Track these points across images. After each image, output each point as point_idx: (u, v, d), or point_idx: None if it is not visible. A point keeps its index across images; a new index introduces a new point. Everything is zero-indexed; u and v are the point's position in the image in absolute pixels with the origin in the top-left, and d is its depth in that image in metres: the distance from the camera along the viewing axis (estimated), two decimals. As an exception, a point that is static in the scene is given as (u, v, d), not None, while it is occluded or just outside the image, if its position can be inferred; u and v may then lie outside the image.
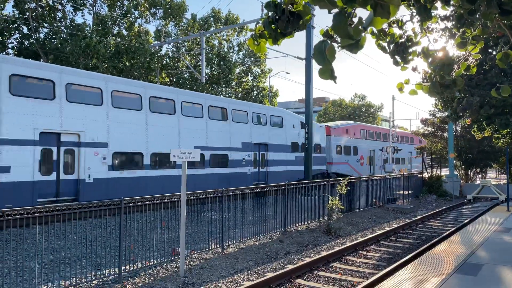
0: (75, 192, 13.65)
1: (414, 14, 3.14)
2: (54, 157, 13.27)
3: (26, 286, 7.42)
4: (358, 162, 32.98)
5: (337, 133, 31.03)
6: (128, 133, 15.41)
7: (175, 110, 17.32)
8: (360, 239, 12.54)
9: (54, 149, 13.30)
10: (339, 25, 1.82)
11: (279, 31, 2.41)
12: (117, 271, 8.44)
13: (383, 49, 3.36)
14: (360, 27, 1.94)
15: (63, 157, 13.49)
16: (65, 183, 13.45)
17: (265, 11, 2.49)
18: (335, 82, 2.06)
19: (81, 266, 8.82)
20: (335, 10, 1.85)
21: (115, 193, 13.74)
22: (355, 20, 2.20)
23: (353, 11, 2.05)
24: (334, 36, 2.15)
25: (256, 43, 2.59)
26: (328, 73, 1.94)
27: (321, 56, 1.88)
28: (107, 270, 8.55)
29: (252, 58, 42.34)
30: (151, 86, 17.67)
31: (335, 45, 2.02)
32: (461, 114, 16.25)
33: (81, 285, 7.87)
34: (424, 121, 32.86)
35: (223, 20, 40.43)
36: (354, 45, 1.93)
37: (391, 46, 3.30)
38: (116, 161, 15.06)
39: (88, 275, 8.20)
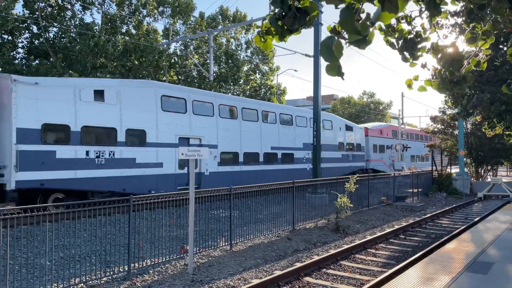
0: (198, 182, 17.69)
1: (423, 9, 3.10)
2: None
3: (37, 283, 7.50)
4: (390, 160, 37.96)
5: (374, 134, 35.59)
6: (229, 137, 19.92)
7: (258, 118, 21.94)
8: (369, 237, 12.48)
9: None
10: (346, 20, 1.80)
11: (285, 27, 2.39)
12: (126, 268, 8.50)
13: (391, 45, 3.32)
14: (368, 22, 1.91)
15: None
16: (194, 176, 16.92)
17: (272, 7, 2.47)
18: (343, 79, 2.05)
19: (91, 263, 8.90)
20: (342, 5, 1.83)
21: (222, 183, 16.44)
22: (363, 15, 2.17)
23: (360, 6, 2.03)
24: (342, 32, 2.13)
25: (262, 40, 2.57)
26: (335, 70, 1.92)
27: (328, 52, 1.86)
28: (116, 268, 8.62)
29: (260, 56, 42.30)
30: (242, 100, 23.37)
31: (343, 41, 2.00)
32: (471, 111, 16.07)
33: (90, 282, 7.94)
34: (433, 118, 32.56)
35: (231, 18, 40.43)
36: (362, 40, 1.91)
37: (400, 42, 3.26)
38: (222, 159, 19.44)
39: (97, 272, 8.28)
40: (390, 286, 6.48)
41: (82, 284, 7.81)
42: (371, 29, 1.92)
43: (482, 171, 32.58)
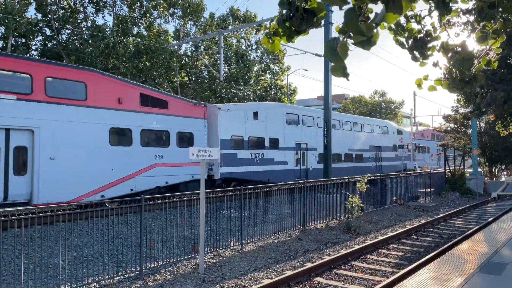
0: (305, 175, 23.90)
1: (432, 8, 3.08)
2: (299, 156, 23.97)
3: (50, 282, 7.61)
4: (429, 158, 43.24)
5: (417, 136, 41.60)
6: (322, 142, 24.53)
7: (340, 126, 27.92)
8: (381, 238, 12.40)
9: (299, 151, 24.00)
10: (350, 21, 1.80)
11: (293, 28, 2.39)
12: (138, 268, 8.58)
13: (401, 44, 3.30)
14: (372, 23, 1.91)
15: (301, 156, 24.09)
16: (302, 171, 24.16)
17: (279, 9, 2.47)
18: (348, 79, 2.05)
19: (103, 263, 9.01)
20: (347, 6, 1.83)
21: (319, 176, 21.73)
22: (372, 16, 2.17)
23: (365, 7, 2.02)
24: (349, 33, 2.13)
25: (270, 41, 2.58)
26: (340, 71, 1.92)
27: (333, 53, 1.86)
28: (129, 267, 8.70)
29: (270, 56, 42.29)
30: (337, 114, 29.45)
31: (349, 41, 1.99)
32: (484, 109, 15.84)
33: (103, 281, 8.03)
34: (446, 117, 32.20)
35: (241, 19, 40.48)
36: (366, 41, 1.90)
37: (410, 42, 3.25)
38: (320, 159, 24.71)
39: (110, 271, 8.37)
40: (402, 287, 6.43)
41: (95, 284, 7.91)
42: (375, 30, 1.92)
43: (496, 171, 32.12)
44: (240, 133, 20.12)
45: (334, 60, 1.89)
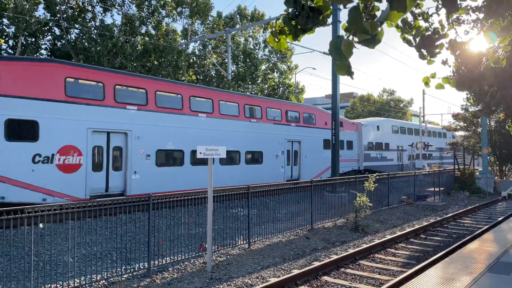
0: (401, 169, 33.56)
1: (440, 5, 3.05)
2: (398, 155, 35.28)
3: (60, 279, 7.70)
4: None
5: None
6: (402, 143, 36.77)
7: (398, 131, 35.88)
8: (389, 237, 12.34)
9: (398, 152, 35.42)
10: (354, 19, 1.80)
11: (299, 27, 2.39)
12: (146, 265, 8.64)
13: (408, 42, 3.28)
14: (377, 21, 1.90)
15: (399, 155, 35.13)
16: (400, 165, 34.52)
17: (285, 7, 2.48)
18: (352, 78, 2.04)
19: (112, 260, 9.08)
20: (351, 5, 1.83)
21: (408, 169, 32.79)
22: (378, 14, 2.16)
23: (369, 5, 2.02)
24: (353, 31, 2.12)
25: (276, 39, 2.58)
26: (344, 69, 1.92)
27: (337, 52, 1.86)
28: (137, 265, 8.76)
29: (278, 55, 42.23)
30: (406, 123, 39.33)
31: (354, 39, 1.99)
32: (494, 108, 15.68)
33: (112, 279, 8.10)
34: (455, 116, 31.92)
35: (249, 17, 40.47)
36: (371, 40, 1.90)
37: (417, 40, 3.22)
38: (408, 156, 36.90)
39: (118, 269, 8.44)
40: (410, 286, 6.41)
41: (104, 281, 7.98)
42: (380, 28, 1.91)
43: (506, 170, 31.76)
44: (371, 140, 31.36)
45: (339, 58, 1.88)
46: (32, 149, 13.06)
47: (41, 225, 7.34)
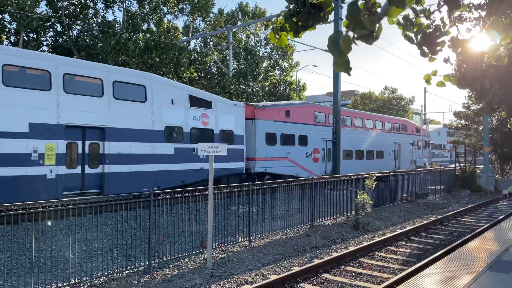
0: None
1: (442, 2, 3.04)
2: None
3: (61, 275, 7.72)
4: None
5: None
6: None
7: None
8: (389, 235, 12.35)
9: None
10: (352, 15, 1.79)
11: (300, 23, 2.38)
12: (147, 262, 8.66)
13: (410, 40, 3.27)
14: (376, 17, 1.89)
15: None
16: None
17: (286, 3, 2.46)
18: (349, 74, 2.03)
19: (113, 257, 9.10)
20: (351, 0, 1.81)
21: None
22: (379, 10, 2.15)
23: (369, 1, 2.01)
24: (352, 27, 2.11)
25: (277, 36, 2.57)
26: (343, 65, 1.91)
27: (335, 47, 1.85)
28: (137, 261, 8.78)
29: (279, 52, 42.16)
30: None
31: (351, 34, 1.97)
32: (496, 106, 15.65)
33: (112, 275, 8.12)
34: (457, 114, 31.86)
35: (250, 14, 40.39)
36: (369, 35, 1.89)
37: (419, 37, 3.21)
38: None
39: (119, 265, 8.45)
40: (410, 284, 6.41)
41: (104, 277, 8.00)
42: (378, 25, 1.90)
43: (508, 168, 31.71)
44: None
45: (337, 54, 1.87)
46: None
47: (49, 223, 7.37)
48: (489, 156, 28.55)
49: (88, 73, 14.13)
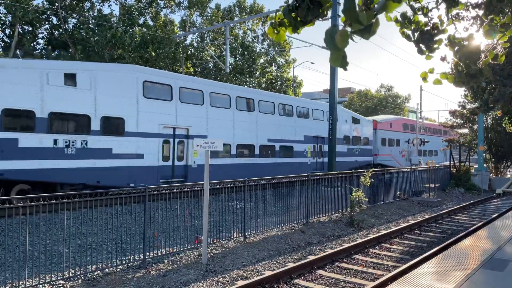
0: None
1: (440, 0, 3.04)
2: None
3: (55, 269, 7.70)
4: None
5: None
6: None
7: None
8: (384, 232, 12.40)
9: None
10: (348, 9, 1.78)
11: (299, 19, 2.37)
12: (141, 257, 8.65)
13: (407, 37, 3.27)
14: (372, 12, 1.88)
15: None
16: None
17: (286, -1, 2.45)
18: (345, 69, 2.02)
19: (107, 251, 9.09)
20: None
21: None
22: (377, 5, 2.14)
23: None
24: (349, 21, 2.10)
25: (275, 31, 2.56)
26: (339, 60, 1.90)
27: (331, 42, 1.84)
28: (132, 256, 8.77)
29: (276, 48, 42.09)
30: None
31: (349, 29, 1.97)
32: (492, 105, 15.72)
33: (107, 269, 8.11)
34: (452, 113, 31.98)
35: (248, 10, 40.27)
36: (366, 30, 1.88)
37: (416, 34, 3.21)
38: None
39: (113, 260, 8.44)
40: (404, 281, 6.45)
41: (99, 272, 7.98)
42: (374, 20, 1.89)
43: (502, 167, 31.92)
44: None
45: (334, 48, 1.86)
46: None
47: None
48: (484, 154, 28.71)
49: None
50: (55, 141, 12.94)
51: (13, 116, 12.20)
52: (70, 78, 13.43)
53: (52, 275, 7.40)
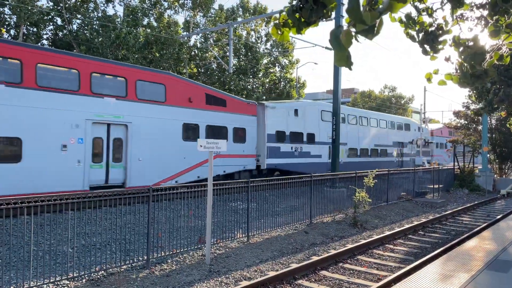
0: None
1: (445, 1, 3.03)
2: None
3: (59, 269, 7.73)
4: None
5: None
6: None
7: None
8: (387, 233, 12.37)
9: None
10: (352, 9, 1.78)
11: (303, 20, 2.37)
12: (145, 257, 8.67)
13: (412, 38, 3.26)
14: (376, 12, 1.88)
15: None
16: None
17: None
18: (350, 69, 2.02)
19: (111, 251, 9.11)
20: None
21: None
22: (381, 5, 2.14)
23: None
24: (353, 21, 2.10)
25: (279, 32, 2.56)
26: (344, 60, 1.90)
27: (336, 42, 1.84)
28: (136, 256, 8.79)
29: (280, 49, 42.08)
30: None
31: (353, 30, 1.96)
32: (496, 106, 15.63)
33: (111, 270, 8.13)
34: (456, 113, 31.87)
35: (251, 11, 40.29)
36: (369, 30, 1.87)
37: (420, 35, 3.20)
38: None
39: (117, 260, 8.46)
40: (408, 282, 6.43)
41: (103, 272, 8.00)
42: (378, 20, 1.88)
43: (506, 168, 31.76)
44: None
45: (338, 48, 1.86)
46: None
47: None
48: (488, 155, 28.58)
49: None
50: (291, 147, 22.00)
51: (278, 135, 21.22)
52: (295, 111, 22.56)
53: (57, 275, 7.43)
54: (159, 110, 16.01)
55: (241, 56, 39.42)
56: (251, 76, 40.26)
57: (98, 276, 7.85)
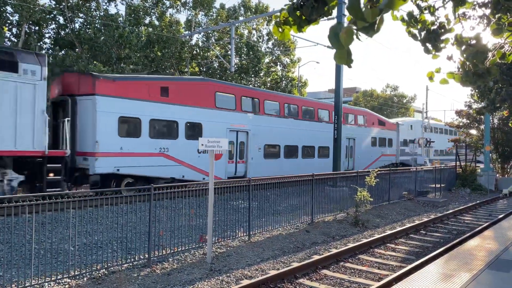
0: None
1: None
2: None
3: (60, 267, 7.74)
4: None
5: None
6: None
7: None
8: (389, 232, 12.36)
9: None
10: (352, 5, 1.77)
11: (303, 18, 2.36)
12: (146, 256, 8.67)
13: (413, 36, 3.25)
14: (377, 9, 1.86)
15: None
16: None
17: (290, -3, 2.44)
18: (350, 67, 2.02)
19: (113, 250, 9.12)
20: None
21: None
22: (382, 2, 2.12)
23: None
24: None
25: (280, 30, 2.55)
26: (343, 57, 1.89)
27: (335, 39, 1.83)
28: (137, 255, 8.80)
29: (281, 48, 42.05)
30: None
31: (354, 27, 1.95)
32: (499, 105, 15.59)
33: (112, 268, 8.14)
34: (459, 113, 31.78)
35: (253, 10, 40.26)
36: (370, 27, 1.86)
37: (422, 34, 3.19)
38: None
39: (119, 259, 8.47)
40: (409, 281, 6.42)
41: (104, 270, 8.02)
42: (378, 17, 1.87)
43: (508, 167, 31.67)
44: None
45: (337, 46, 1.85)
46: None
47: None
48: (490, 155, 28.51)
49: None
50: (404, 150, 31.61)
51: (404, 141, 32.93)
52: (411, 127, 34.37)
53: (58, 273, 7.45)
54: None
55: (242, 55, 39.41)
56: (252, 75, 40.25)
57: (100, 275, 7.86)
